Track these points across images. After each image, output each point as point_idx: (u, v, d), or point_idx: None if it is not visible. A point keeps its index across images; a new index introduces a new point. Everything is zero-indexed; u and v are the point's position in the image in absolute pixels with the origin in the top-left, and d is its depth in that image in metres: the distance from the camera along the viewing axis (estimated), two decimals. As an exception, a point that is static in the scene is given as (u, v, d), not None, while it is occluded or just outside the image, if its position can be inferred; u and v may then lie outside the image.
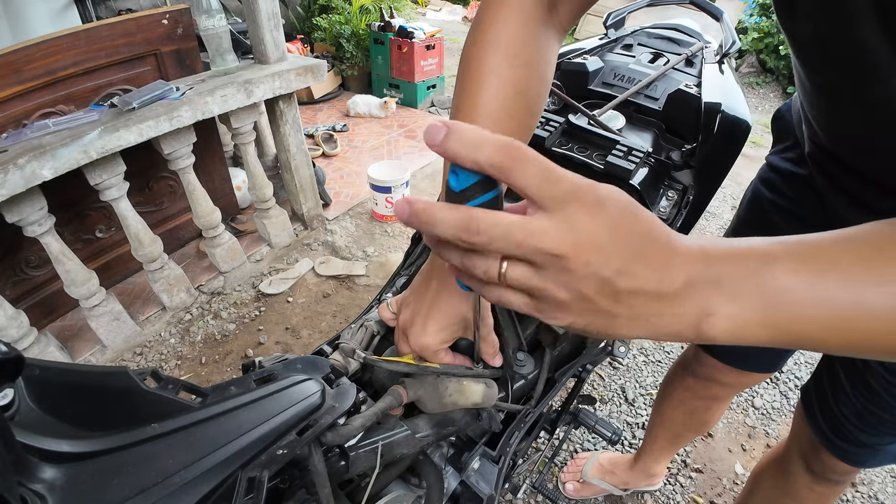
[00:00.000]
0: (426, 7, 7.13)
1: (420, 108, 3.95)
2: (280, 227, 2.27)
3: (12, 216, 1.37)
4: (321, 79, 2.09)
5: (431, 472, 0.65)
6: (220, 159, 2.29)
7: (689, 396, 1.09)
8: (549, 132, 0.92)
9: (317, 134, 3.27)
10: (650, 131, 0.98)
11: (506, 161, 0.27)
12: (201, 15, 1.72)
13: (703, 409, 1.10)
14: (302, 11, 4.20)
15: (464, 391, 0.61)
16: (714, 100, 0.90)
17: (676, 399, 1.13)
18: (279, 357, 0.58)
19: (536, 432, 0.96)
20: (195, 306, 2.03)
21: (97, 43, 1.66)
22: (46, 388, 0.35)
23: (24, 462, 0.30)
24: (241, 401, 0.42)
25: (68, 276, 1.57)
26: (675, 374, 1.13)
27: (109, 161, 1.51)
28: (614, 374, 1.80)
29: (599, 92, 1.04)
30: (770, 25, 4.47)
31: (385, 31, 3.78)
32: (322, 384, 0.49)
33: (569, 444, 1.56)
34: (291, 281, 2.17)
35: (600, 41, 1.20)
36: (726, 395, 1.06)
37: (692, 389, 1.08)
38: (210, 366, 1.81)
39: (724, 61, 1.11)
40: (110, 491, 0.32)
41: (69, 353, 1.75)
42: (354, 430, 0.49)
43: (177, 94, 1.62)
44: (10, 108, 1.53)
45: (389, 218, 2.58)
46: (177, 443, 0.37)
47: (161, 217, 2.14)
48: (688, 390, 1.09)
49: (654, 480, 1.40)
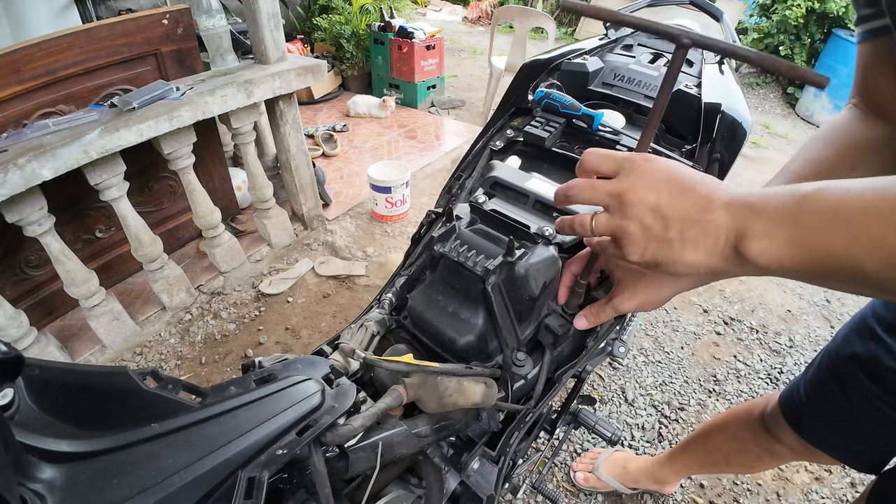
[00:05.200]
0: (426, 7, 7.14)
1: (420, 108, 3.95)
2: (280, 227, 2.27)
3: (12, 216, 1.37)
4: (321, 79, 2.09)
5: (431, 473, 0.65)
6: (220, 159, 2.29)
7: (748, 438, 1.00)
8: (549, 132, 0.92)
9: (317, 134, 3.27)
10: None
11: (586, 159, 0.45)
12: (201, 15, 1.72)
13: (755, 457, 1.00)
14: (302, 11, 4.20)
15: (464, 391, 0.61)
16: (714, 100, 0.90)
17: (732, 433, 1.04)
18: (279, 357, 0.58)
19: (536, 432, 0.96)
20: (195, 306, 2.03)
21: (97, 43, 1.66)
22: (46, 388, 0.35)
23: (23, 462, 0.30)
24: (241, 401, 0.42)
25: (68, 276, 1.57)
26: (747, 411, 1.02)
27: (109, 161, 1.51)
28: (614, 374, 1.80)
29: (599, 92, 1.04)
30: (770, 26, 4.47)
31: (385, 31, 3.79)
32: (322, 384, 0.49)
33: (569, 445, 1.55)
34: (291, 281, 2.17)
35: (600, 41, 1.20)
36: (787, 457, 0.95)
37: (755, 433, 0.98)
38: (210, 366, 1.81)
39: (724, 62, 1.11)
40: (110, 491, 0.32)
41: (69, 353, 1.75)
42: (354, 430, 0.49)
43: (177, 94, 1.62)
44: (10, 108, 1.53)
45: (389, 218, 2.58)
46: (177, 443, 0.37)
47: (161, 217, 2.14)
48: (749, 432, 0.99)
49: (667, 489, 1.39)
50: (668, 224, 0.39)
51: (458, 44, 6.06)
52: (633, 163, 0.41)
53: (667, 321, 2.04)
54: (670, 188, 0.39)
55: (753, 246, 0.36)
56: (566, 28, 6.65)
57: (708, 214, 0.38)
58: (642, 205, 0.40)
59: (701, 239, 0.38)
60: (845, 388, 0.74)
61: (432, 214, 0.95)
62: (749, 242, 0.36)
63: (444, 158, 3.22)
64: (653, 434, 1.60)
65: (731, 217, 0.37)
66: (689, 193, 0.39)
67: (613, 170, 0.43)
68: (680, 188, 0.39)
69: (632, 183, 0.41)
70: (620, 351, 0.92)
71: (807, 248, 0.34)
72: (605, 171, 0.43)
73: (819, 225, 0.33)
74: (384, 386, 0.64)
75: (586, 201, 0.44)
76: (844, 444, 0.78)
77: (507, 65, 3.48)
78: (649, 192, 0.40)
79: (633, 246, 0.41)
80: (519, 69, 1.10)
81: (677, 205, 0.39)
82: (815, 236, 0.33)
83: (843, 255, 0.32)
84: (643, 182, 0.40)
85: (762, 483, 1.47)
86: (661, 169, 0.40)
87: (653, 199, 0.40)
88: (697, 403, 1.71)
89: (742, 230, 0.37)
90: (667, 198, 0.39)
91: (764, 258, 0.36)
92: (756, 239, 0.36)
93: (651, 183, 0.40)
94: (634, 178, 0.41)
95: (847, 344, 0.75)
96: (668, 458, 1.28)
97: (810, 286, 2.28)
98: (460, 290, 0.74)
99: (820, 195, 0.34)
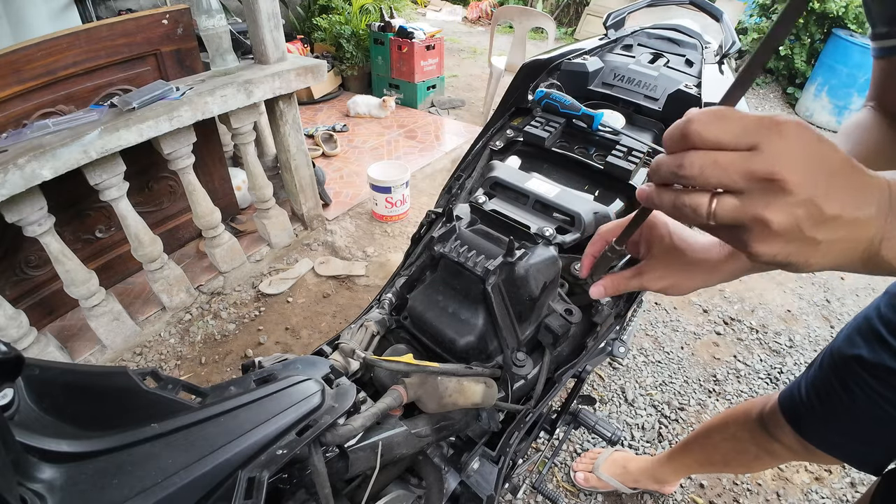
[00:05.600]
0: (426, 7, 7.14)
1: (420, 108, 3.95)
2: (280, 227, 2.27)
3: (12, 216, 1.37)
4: (321, 79, 2.09)
5: (431, 473, 0.65)
6: (220, 159, 2.29)
7: (747, 438, 1.00)
8: (549, 132, 0.92)
9: (317, 134, 3.27)
10: (650, 131, 0.98)
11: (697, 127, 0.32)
12: (201, 15, 1.72)
13: (753, 456, 1.00)
14: (302, 11, 4.20)
15: (464, 391, 0.61)
16: (714, 100, 0.90)
17: (731, 432, 1.04)
18: (279, 357, 0.58)
19: (536, 432, 0.96)
20: (195, 306, 2.03)
21: (97, 43, 1.66)
22: (46, 388, 0.35)
23: (23, 462, 0.30)
24: (241, 401, 0.42)
25: (68, 276, 1.57)
26: (745, 411, 1.02)
27: (109, 161, 1.51)
28: (614, 374, 1.80)
29: (599, 92, 1.04)
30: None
31: (385, 31, 3.79)
32: (322, 384, 0.49)
33: (569, 445, 1.56)
34: (291, 281, 2.17)
35: (600, 41, 1.20)
36: (785, 457, 0.95)
37: (753, 434, 0.98)
38: (210, 366, 1.81)
39: (724, 62, 1.11)
40: (110, 491, 0.32)
41: (69, 353, 1.75)
42: (354, 431, 0.49)
43: (177, 94, 1.62)
44: (10, 108, 1.53)
45: (389, 218, 2.58)
46: (176, 443, 0.37)
47: (161, 217, 2.14)
48: (748, 432, 1.00)
49: (667, 489, 1.39)
50: (823, 221, 0.30)
51: (458, 44, 6.06)
52: (783, 132, 0.30)
53: (667, 321, 2.04)
54: (830, 173, 0.30)
55: (892, 250, 0.31)
56: (566, 28, 6.65)
57: (861, 210, 0.31)
58: (800, 193, 0.30)
59: (847, 245, 0.32)
60: (848, 387, 0.74)
61: (432, 214, 0.95)
62: (890, 245, 0.31)
63: (444, 158, 3.22)
64: (653, 434, 1.60)
65: (879, 224, 0.31)
66: (847, 182, 0.31)
67: (750, 140, 0.30)
68: (838, 173, 0.31)
69: (785, 162, 0.30)
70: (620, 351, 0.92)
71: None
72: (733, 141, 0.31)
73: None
74: (384, 386, 0.64)
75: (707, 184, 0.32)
76: (846, 443, 0.78)
77: (507, 65, 3.48)
78: (808, 177, 0.30)
79: (770, 243, 0.32)
80: (519, 69, 1.10)
81: (836, 197, 0.30)
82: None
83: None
84: (801, 162, 0.30)
85: (762, 483, 1.47)
86: (814, 143, 0.30)
87: (810, 186, 0.30)
88: (697, 403, 1.71)
89: (885, 234, 0.31)
90: (825, 186, 0.30)
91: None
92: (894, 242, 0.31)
93: (810, 163, 0.30)
94: (788, 156, 0.30)
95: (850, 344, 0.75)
96: (667, 458, 1.28)
97: (810, 286, 2.28)
98: (460, 290, 0.74)
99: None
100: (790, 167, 0.30)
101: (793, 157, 0.30)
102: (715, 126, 0.31)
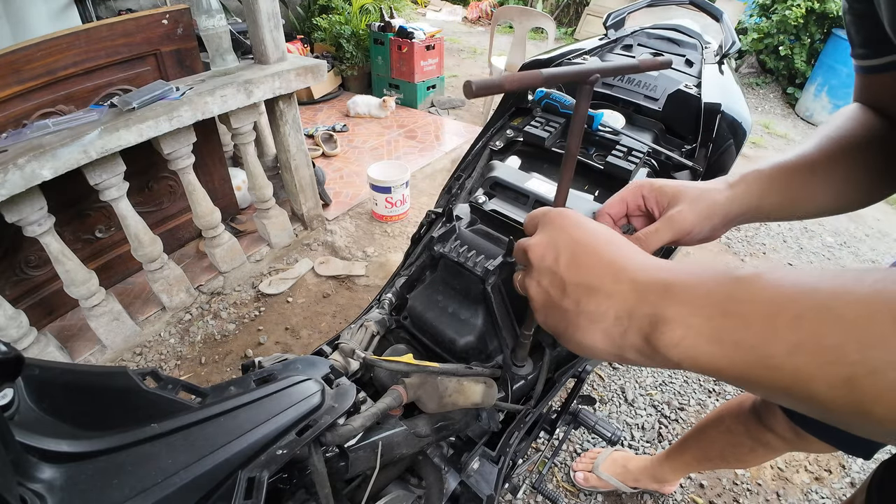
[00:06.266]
0: (426, 7, 7.14)
1: (420, 108, 3.95)
2: (280, 227, 2.27)
3: (12, 216, 1.37)
4: (321, 79, 2.09)
5: (431, 473, 0.65)
6: (220, 159, 2.29)
7: (741, 430, 1.01)
8: (549, 132, 0.92)
9: (317, 134, 3.27)
10: (650, 131, 0.98)
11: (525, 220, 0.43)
12: (201, 15, 1.72)
13: (749, 449, 1.01)
14: (302, 11, 4.20)
15: (463, 391, 0.61)
16: (714, 100, 0.90)
17: (726, 426, 1.05)
18: (279, 357, 0.58)
19: (536, 432, 0.96)
20: (195, 306, 2.03)
21: (97, 43, 1.66)
22: (46, 388, 0.35)
23: (23, 462, 0.30)
24: (241, 401, 0.42)
25: (68, 276, 1.57)
26: (739, 404, 1.03)
27: (109, 161, 1.51)
28: (614, 374, 1.80)
29: (599, 92, 1.04)
30: (770, 26, 4.47)
31: (385, 31, 3.79)
32: (322, 384, 0.49)
33: (569, 445, 1.56)
34: (291, 281, 2.17)
35: (600, 42, 1.20)
36: (779, 448, 0.96)
37: (747, 425, 0.99)
38: (210, 366, 1.81)
39: (724, 62, 1.11)
40: (110, 491, 0.32)
41: (69, 353, 1.75)
42: (354, 431, 0.49)
43: (177, 94, 1.62)
44: (10, 108, 1.53)
45: (389, 218, 2.58)
46: (176, 443, 0.37)
47: (161, 217, 2.14)
48: (742, 424, 1.01)
49: (667, 488, 1.39)
50: (565, 290, 0.34)
51: (458, 44, 6.06)
52: (546, 219, 0.39)
53: (667, 321, 2.04)
54: (575, 248, 0.35)
55: (665, 335, 0.29)
56: (566, 28, 6.65)
57: (612, 285, 0.32)
58: (541, 264, 0.37)
59: (600, 316, 0.32)
60: None
61: (432, 214, 0.95)
62: (661, 330, 0.29)
63: (443, 158, 3.22)
64: (653, 434, 1.60)
65: (640, 296, 0.31)
66: (595, 257, 0.34)
67: (533, 227, 0.40)
68: (586, 250, 0.35)
69: (538, 240, 0.38)
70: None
71: (734, 348, 0.27)
72: (529, 229, 0.41)
73: (754, 321, 0.26)
74: (384, 386, 0.64)
75: (519, 263, 0.41)
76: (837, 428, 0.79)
77: (507, 65, 3.48)
78: (549, 250, 0.36)
79: (538, 311, 0.38)
80: (519, 69, 1.10)
81: (578, 269, 0.34)
82: (747, 334, 0.26)
83: (784, 363, 0.25)
84: (547, 239, 0.37)
85: (762, 483, 1.47)
86: (571, 226, 0.37)
87: (551, 258, 0.36)
88: (697, 403, 1.71)
89: (654, 315, 0.30)
90: (567, 258, 0.35)
91: (676, 352, 0.29)
92: (668, 327, 0.29)
93: (555, 240, 0.36)
94: (541, 235, 0.38)
95: None
96: (666, 457, 1.29)
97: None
98: (460, 290, 0.74)
99: (759, 283, 0.27)
100: (539, 243, 0.37)
101: (545, 237, 0.37)
102: (527, 218, 0.42)
